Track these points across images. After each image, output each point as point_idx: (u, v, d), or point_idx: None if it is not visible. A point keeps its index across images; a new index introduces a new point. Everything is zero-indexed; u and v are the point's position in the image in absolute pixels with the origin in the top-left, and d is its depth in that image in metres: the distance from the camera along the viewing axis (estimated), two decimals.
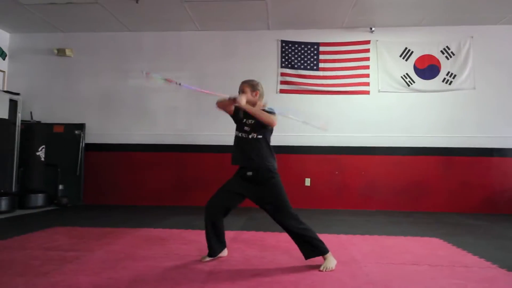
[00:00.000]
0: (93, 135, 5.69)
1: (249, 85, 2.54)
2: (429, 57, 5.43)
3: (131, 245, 2.87)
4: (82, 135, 5.62)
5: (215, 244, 2.47)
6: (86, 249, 2.71)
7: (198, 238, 3.16)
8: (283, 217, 2.35)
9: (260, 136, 2.43)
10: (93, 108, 5.77)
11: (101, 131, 5.70)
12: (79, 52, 5.83)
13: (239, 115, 2.49)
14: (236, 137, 2.51)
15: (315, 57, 5.52)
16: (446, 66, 5.40)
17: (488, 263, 2.50)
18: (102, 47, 5.84)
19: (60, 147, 5.56)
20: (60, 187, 5.49)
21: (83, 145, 5.62)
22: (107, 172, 5.63)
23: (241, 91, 2.51)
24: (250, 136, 2.43)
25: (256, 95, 2.51)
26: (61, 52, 5.75)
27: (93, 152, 5.66)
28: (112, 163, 5.64)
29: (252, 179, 2.40)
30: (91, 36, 5.84)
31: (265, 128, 2.43)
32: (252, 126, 2.44)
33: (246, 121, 2.47)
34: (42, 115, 5.70)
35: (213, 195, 2.48)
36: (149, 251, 2.71)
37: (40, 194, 5.12)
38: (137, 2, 4.72)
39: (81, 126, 5.66)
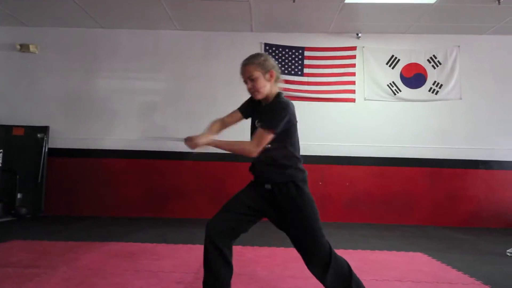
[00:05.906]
0: (58, 139, 5.55)
1: (258, 65, 1.82)
2: (416, 65, 5.63)
3: (99, 261, 2.81)
4: (45, 139, 5.48)
5: None
6: (48, 266, 2.64)
7: (172, 254, 3.13)
8: None
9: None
10: (58, 110, 5.63)
11: (67, 135, 5.57)
12: (45, 49, 5.69)
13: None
14: None
15: (300, 62, 5.61)
16: (432, 75, 5.61)
17: (472, 279, 2.61)
18: (71, 44, 5.73)
19: (20, 152, 5.39)
20: (19, 195, 5.31)
21: (46, 150, 5.47)
22: (73, 180, 5.49)
23: (248, 79, 1.82)
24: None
25: (271, 77, 1.83)
26: (24, 47, 5.59)
27: (57, 157, 5.51)
28: (79, 170, 5.51)
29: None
30: (59, 32, 5.72)
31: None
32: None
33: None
34: (0, 116, 5.52)
35: None
36: (118, 267, 2.66)
37: None
38: None
39: (44, 129, 5.51)
